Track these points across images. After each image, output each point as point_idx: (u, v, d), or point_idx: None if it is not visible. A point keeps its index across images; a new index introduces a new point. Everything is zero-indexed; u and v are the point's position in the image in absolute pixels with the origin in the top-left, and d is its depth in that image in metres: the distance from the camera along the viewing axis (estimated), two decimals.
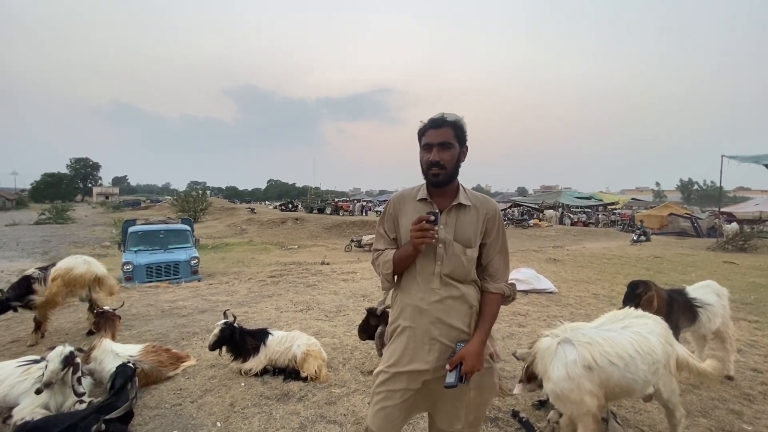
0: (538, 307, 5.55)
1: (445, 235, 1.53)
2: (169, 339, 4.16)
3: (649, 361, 2.01)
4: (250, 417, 2.70)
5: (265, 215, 30.48)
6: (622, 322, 2.15)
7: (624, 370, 1.94)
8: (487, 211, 1.58)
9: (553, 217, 29.04)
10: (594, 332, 2.04)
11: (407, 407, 1.58)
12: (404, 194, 1.65)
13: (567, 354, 1.95)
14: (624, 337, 2.02)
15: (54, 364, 2.53)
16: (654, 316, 2.33)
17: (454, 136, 1.51)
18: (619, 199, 39.75)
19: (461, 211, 1.56)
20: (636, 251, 12.50)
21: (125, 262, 8.53)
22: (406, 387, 1.54)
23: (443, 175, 1.51)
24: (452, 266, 1.53)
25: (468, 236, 1.54)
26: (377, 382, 1.59)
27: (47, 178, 69.93)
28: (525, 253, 11.45)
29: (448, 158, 1.50)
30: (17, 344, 4.08)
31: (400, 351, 1.56)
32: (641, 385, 2.03)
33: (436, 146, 1.50)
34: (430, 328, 1.53)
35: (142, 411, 2.77)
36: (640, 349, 1.99)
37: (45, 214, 31.58)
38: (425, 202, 1.57)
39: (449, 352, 1.53)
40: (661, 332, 2.18)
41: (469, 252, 1.54)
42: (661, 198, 65.15)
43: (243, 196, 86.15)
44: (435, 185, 1.55)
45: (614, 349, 1.95)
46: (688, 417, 2.75)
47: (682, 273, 8.63)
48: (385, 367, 1.58)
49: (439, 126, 1.50)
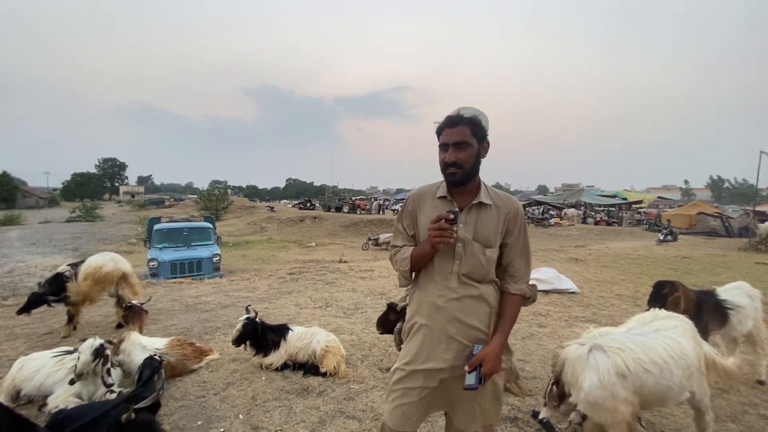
0: (559, 307, 5.45)
1: (464, 234, 1.51)
2: (193, 333, 4.28)
3: (683, 365, 1.93)
4: (271, 410, 2.76)
5: (283, 213, 30.90)
6: (652, 325, 2.08)
7: (659, 377, 1.87)
8: (509, 210, 1.55)
9: (575, 216, 28.36)
10: (625, 337, 1.96)
11: (424, 405, 1.57)
12: (424, 191, 1.63)
13: (599, 361, 1.85)
14: (657, 342, 1.94)
15: (85, 356, 2.64)
16: (679, 315, 2.25)
17: (470, 134, 1.47)
18: (644, 197, 38.49)
19: (482, 210, 1.53)
20: (662, 251, 12.09)
21: (150, 258, 8.81)
22: (423, 385, 1.53)
23: (460, 174, 1.48)
24: (471, 266, 1.51)
25: (488, 236, 1.52)
26: (394, 379, 1.59)
27: (77, 177, 72.89)
28: (546, 253, 11.23)
29: (465, 158, 1.47)
30: (51, 336, 4.28)
31: (417, 348, 1.55)
32: (677, 392, 1.96)
33: (451, 146, 1.47)
34: (447, 326, 1.51)
35: (168, 402, 2.87)
36: (674, 354, 1.92)
37: (75, 212, 32.91)
38: (445, 199, 1.55)
39: (467, 352, 1.51)
40: (690, 332, 2.12)
41: (489, 252, 1.52)
42: (689, 196, 62.78)
43: (263, 195, 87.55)
44: (453, 184, 1.53)
45: (648, 355, 1.88)
46: (717, 421, 2.66)
47: (711, 274, 8.30)
48: (402, 364, 1.57)
49: (455, 125, 1.48)
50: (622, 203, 33.58)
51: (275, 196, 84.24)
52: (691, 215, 23.86)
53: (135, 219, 30.87)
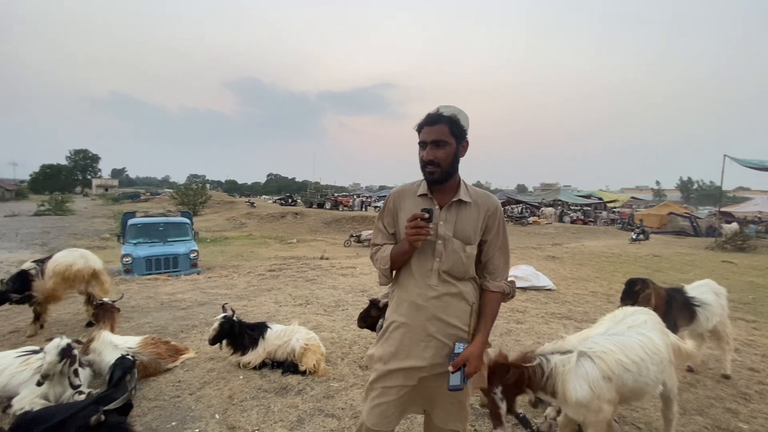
0: (536, 304, 5.57)
1: (444, 232, 1.51)
2: (168, 331, 4.16)
3: (657, 360, 2.02)
4: (249, 410, 2.72)
5: (264, 209, 30.46)
6: (625, 322, 2.12)
7: (637, 375, 1.94)
8: (488, 207, 1.56)
9: (553, 215, 29.04)
10: (604, 340, 1.99)
11: (403, 404, 1.57)
12: (405, 189, 1.63)
13: (588, 369, 1.87)
14: (633, 340, 2.01)
15: (51, 356, 2.53)
16: (648, 310, 2.34)
17: (449, 133, 1.47)
18: (618, 197, 39.77)
19: (461, 208, 1.54)
20: (635, 250, 12.52)
21: (124, 254, 8.52)
22: (402, 384, 1.53)
23: (438, 172, 1.48)
24: (451, 263, 1.52)
25: (468, 233, 1.53)
26: (372, 378, 1.59)
27: (46, 169, 69.68)
28: (524, 251, 11.46)
29: (443, 156, 1.47)
30: (17, 334, 4.09)
31: (395, 347, 1.55)
32: (652, 387, 2.04)
33: (429, 144, 1.48)
34: (427, 324, 1.52)
35: (141, 402, 2.78)
36: (649, 350, 2.00)
37: (44, 205, 31.46)
38: (425, 197, 1.55)
39: (446, 350, 1.51)
40: (658, 325, 2.21)
41: (469, 249, 1.53)
42: (660, 197, 65.16)
43: (242, 190, 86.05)
44: (431, 183, 1.54)
45: (627, 355, 1.93)
46: (684, 415, 2.77)
47: (680, 272, 8.66)
48: (380, 363, 1.57)
49: (434, 123, 1.47)
50: (598, 203, 34.61)
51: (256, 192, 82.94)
52: (662, 215, 24.79)
53: (108, 213, 29.83)
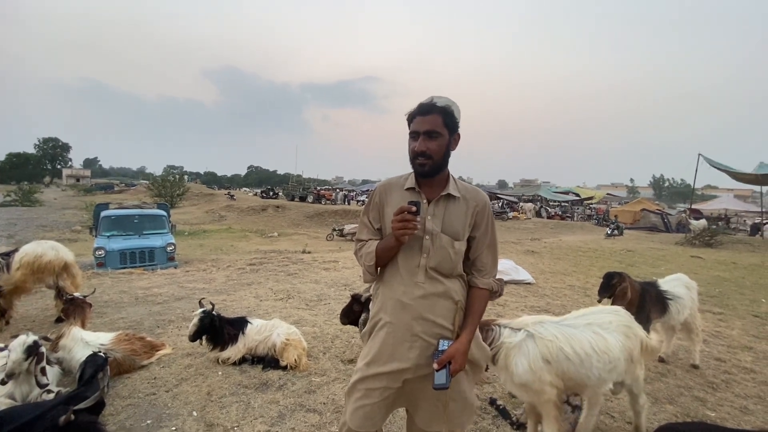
0: (516, 297, 5.66)
1: (432, 227, 1.47)
2: (143, 327, 4.04)
3: (605, 360, 2.08)
4: (228, 406, 2.66)
5: (244, 202, 29.89)
6: (585, 318, 2.22)
7: (579, 366, 2.04)
8: (477, 203, 1.52)
9: (531, 210, 29.61)
10: (555, 327, 2.11)
11: (387, 405, 1.53)
12: (391, 182, 1.58)
13: (530, 349, 2.02)
14: (584, 335, 2.10)
15: (16, 354, 2.41)
16: (618, 309, 2.38)
17: (442, 124, 1.42)
18: (595, 194, 40.86)
19: (450, 203, 1.50)
20: (610, 245, 12.91)
21: (97, 247, 8.20)
22: (386, 386, 1.49)
23: (429, 165, 1.44)
24: (439, 259, 1.47)
25: (456, 228, 1.49)
26: (355, 378, 1.53)
27: (12, 158, 66.22)
28: (504, 245, 11.65)
29: (435, 148, 1.42)
30: None
31: (379, 347, 1.50)
32: (594, 382, 2.10)
33: (422, 135, 1.42)
34: (412, 324, 1.47)
35: (114, 401, 2.69)
36: (597, 348, 2.08)
37: (10, 195, 29.99)
38: (413, 191, 1.51)
39: (430, 350, 1.47)
40: (623, 328, 2.22)
41: (457, 245, 1.49)
42: (634, 194, 67.36)
43: (222, 182, 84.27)
44: (421, 176, 1.49)
45: (572, 347, 2.05)
46: (655, 404, 2.88)
47: (652, 266, 8.97)
48: (364, 364, 1.52)
49: (427, 113, 1.42)
50: (575, 199, 35.48)
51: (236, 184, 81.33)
52: (636, 211, 25.64)
53: (80, 205, 28.64)
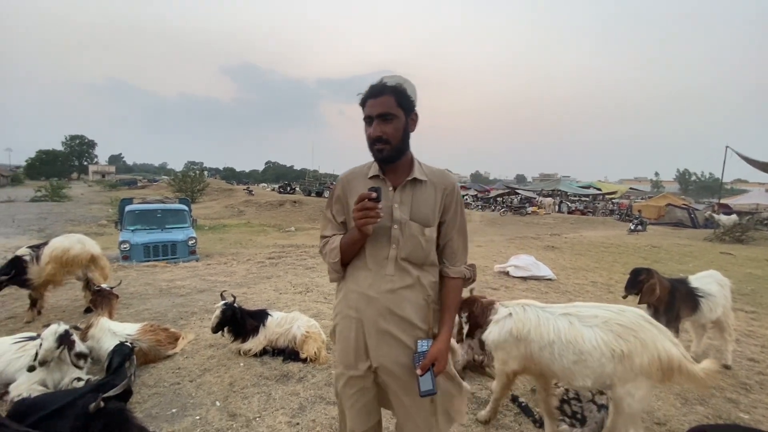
0: (536, 293, 5.56)
1: (400, 215, 1.39)
2: (167, 318, 4.14)
3: (573, 350, 2.04)
4: (250, 397, 2.70)
5: (263, 197, 30.31)
6: (567, 309, 2.21)
7: (542, 350, 2.13)
8: (446, 186, 1.45)
9: (551, 205, 29.05)
10: (533, 311, 2.24)
11: (376, 396, 1.49)
12: (354, 172, 1.49)
13: (506, 324, 2.26)
14: (558, 324, 2.14)
15: (48, 343, 2.50)
16: (625, 309, 2.13)
17: (396, 105, 1.34)
18: (617, 188, 39.77)
19: (417, 187, 1.42)
20: (633, 240, 12.54)
21: (122, 240, 8.46)
22: (363, 385, 1.45)
23: (388, 150, 1.36)
24: (410, 249, 1.40)
25: (426, 214, 1.41)
26: (339, 384, 1.49)
27: (42, 155, 69.00)
28: (523, 240, 11.47)
29: (391, 131, 1.34)
30: (14, 320, 4.06)
31: (344, 347, 1.45)
32: (560, 371, 2.10)
33: (376, 119, 1.34)
34: (378, 319, 1.39)
35: (141, 389, 2.76)
36: (564, 336, 2.09)
37: (41, 191, 31.21)
38: (377, 179, 1.43)
39: (399, 349, 1.39)
40: (615, 326, 2.04)
41: (428, 231, 1.41)
42: (659, 188, 65.30)
43: (240, 178, 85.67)
44: (381, 161, 1.41)
45: (540, 332, 2.15)
46: (685, 404, 2.78)
47: (679, 263, 8.67)
48: (342, 368, 1.47)
49: (379, 94, 1.34)
50: (597, 194, 34.60)
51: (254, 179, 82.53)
52: (660, 206, 24.81)
53: (105, 200, 29.67)
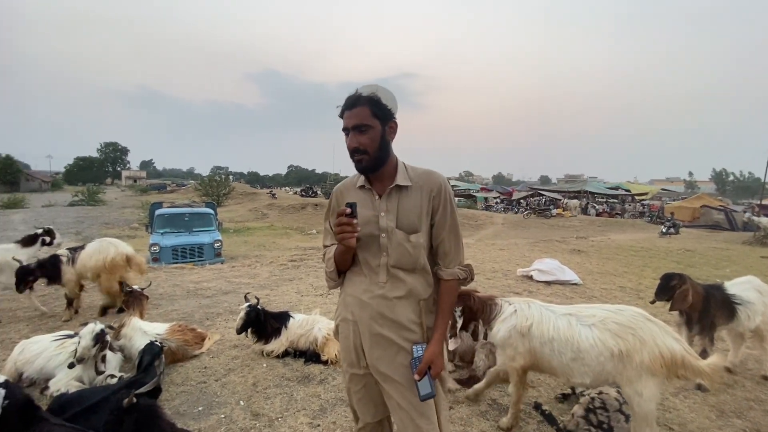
0: (561, 298, 5.42)
1: (386, 224, 1.41)
2: (194, 319, 4.27)
3: (571, 347, 2.15)
4: (272, 397, 2.76)
5: (285, 200, 30.84)
6: (569, 310, 2.31)
7: (542, 346, 2.24)
8: (432, 188, 1.44)
9: (577, 207, 28.24)
10: (536, 309, 2.34)
11: (378, 393, 1.54)
12: (346, 183, 1.55)
13: (512, 320, 2.35)
14: (558, 322, 2.24)
15: (86, 341, 2.63)
16: (624, 309, 2.19)
17: (371, 115, 1.36)
18: (648, 189, 38.29)
19: (402, 194, 1.43)
20: (665, 244, 12.04)
21: (152, 243, 8.79)
22: (367, 381, 1.51)
23: (366, 160, 1.38)
24: (397, 256, 1.42)
25: (412, 221, 1.42)
26: (346, 380, 1.57)
27: (79, 161, 72.73)
28: (547, 244, 11.20)
29: (367, 141, 1.36)
30: (53, 319, 4.29)
31: (345, 348, 1.52)
32: (559, 367, 2.21)
33: (351, 130, 1.37)
34: (372, 323, 1.43)
35: (169, 387, 2.86)
36: (562, 335, 2.19)
37: (78, 196, 32.89)
38: (364, 189, 1.47)
39: (392, 351, 1.42)
40: (613, 325, 2.10)
41: (414, 238, 1.42)
42: (693, 189, 62.47)
43: (264, 182, 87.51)
44: (361, 172, 1.44)
45: (540, 327, 2.26)
46: (721, 417, 2.65)
47: (715, 267, 8.26)
48: (346, 366, 1.55)
49: (352, 106, 1.36)
50: (626, 195, 33.43)
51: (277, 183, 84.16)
52: (695, 208, 23.73)
53: (137, 204, 30.86)
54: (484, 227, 20.40)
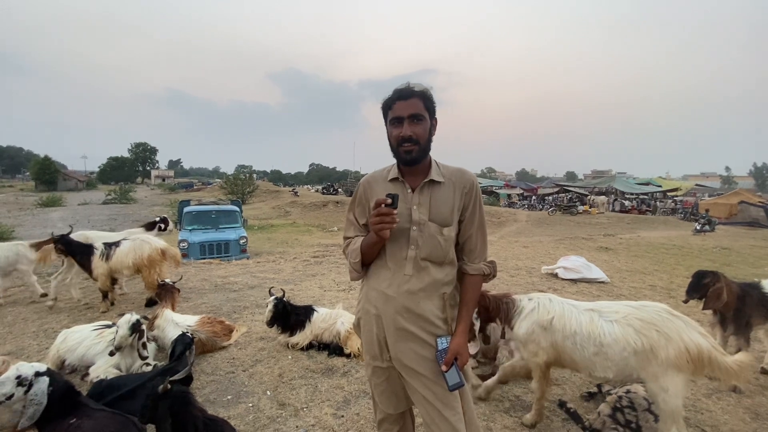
0: (588, 297, 5.30)
1: (419, 217, 1.43)
2: (222, 311, 4.42)
3: (594, 342, 2.14)
4: (298, 388, 2.83)
5: (307, 198, 31.27)
6: (592, 305, 2.31)
7: (565, 340, 2.22)
8: (464, 185, 1.47)
9: (604, 204, 27.35)
10: (558, 304, 2.33)
11: (401, 386, 1.56)
12: (375, 175, 1.55)
13: (533, 315, 2.34)
14: (581, 318, 2.23)
15: (123, 330, 2.77)
16: (646, 305, 2.17)
17: (424, 107, 1.39)
18: (681, 185, 36.67)
19: (435, 188, 1.45)
20: (699, 241, 11.54)
21: (181, 239, 9.09)
22: (390, 374, 1.53)
23: (417, 150, 1.39)
24: (429, 249, 1.44)
25: (444, 215, 1.44)
26: (368, 373, 1.60)
27: (112, 161, 75.94)
28: (573, 241, 10.95)
29: (421, 132, 1.38)
30: (92, 310, 4.53)
31: (368, 341, 1.54)
32: (582, 361, 2.19)
33: (407, 119, 1.37)
34: (396, 317, 1.44)
35: (200, 377, 2.98)
36: (584, 329, 2.18)
37: (111, 194, 34.40)
38: (397, 181, 1.47)
39: (417, 344, 1.44)
40: (635, 321, 2.09)
41: (446, 231, 1.44)
42: (730, 184, 59.41)
43: (286, 180, 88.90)
44: (408, 163, 1.43)
45: (562, 321, 2.26)
46: (756, 419, 2.54)
47: (753, 266, 7.87)
48: (369, 359, 1.57)
49: (408, 97, 1.38)
50: (656, 191, 32.14)
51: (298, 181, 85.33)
52: (732, 204, 22.59)
53: (166, 202, 31.98)
54: (507, 224, 20.08)
